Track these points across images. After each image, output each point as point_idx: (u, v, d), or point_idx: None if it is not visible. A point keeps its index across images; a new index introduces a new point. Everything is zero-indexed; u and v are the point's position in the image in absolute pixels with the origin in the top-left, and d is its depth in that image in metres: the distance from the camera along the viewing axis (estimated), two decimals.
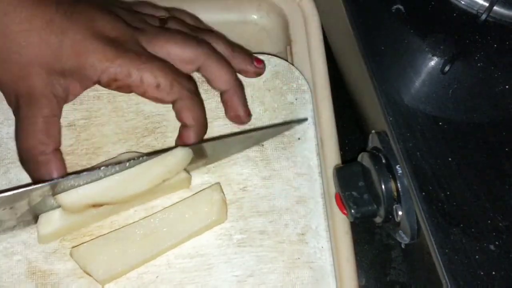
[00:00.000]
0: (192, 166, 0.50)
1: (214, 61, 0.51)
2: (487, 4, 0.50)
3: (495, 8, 0.50)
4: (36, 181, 0.46)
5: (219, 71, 0.51)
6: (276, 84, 0.55)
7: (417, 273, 0.48)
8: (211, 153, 0.51)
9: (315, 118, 0.55)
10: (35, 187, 0.44)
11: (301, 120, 0.54)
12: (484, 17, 0.50)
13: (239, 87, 0.53)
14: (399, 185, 0.45)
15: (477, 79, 0.48)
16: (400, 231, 0.47)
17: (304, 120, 0.54)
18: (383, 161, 0.46)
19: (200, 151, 0.50)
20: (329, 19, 0.60)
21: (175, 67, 0.49)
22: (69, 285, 0.46)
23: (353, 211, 0.47)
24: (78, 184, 0.45)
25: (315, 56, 0.58)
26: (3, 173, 0.49)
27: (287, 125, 0.53)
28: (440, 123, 0.46)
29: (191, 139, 0.49)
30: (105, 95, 0.52)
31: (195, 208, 0.48)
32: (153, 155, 0.47)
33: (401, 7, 0.52)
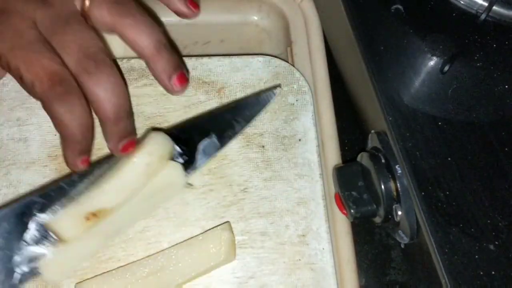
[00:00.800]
0: None
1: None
2: (486, 4, 0.50)
3: (495, 8, 0.50)
4: None
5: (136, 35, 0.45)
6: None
7: (416, 273, 0.48)
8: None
9: (316, 119, 0.55)
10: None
11: (275, 86, 0.54)
12: (483, 17, 0.50)
13: (165, 51, 0.46)
14: (398, 185, 0.45)
15: (477, 79, 0.48)
16: (399, 231, 0.46)
17: (277, 86, 0.54)
18: (383, 161, 0.46)
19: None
20: (329, 20, 0.60)
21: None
22: (70, 286, 0.46)
23: (352, 211, 0.47)
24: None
25: (315, 57, 0.58)
26: (3, 174, 0.49)
27: (263, 94, 0.53)
28: (439, 123, 0.46)
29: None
30: None
31: (204, 247, 0.47)
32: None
33: (400, 7, 0.52)
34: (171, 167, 0.48)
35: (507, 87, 0.48)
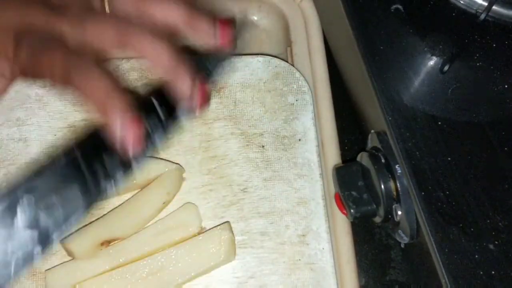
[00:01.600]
0: None
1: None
2: (486, 3, 0.50)
3: (494, 7, 0.50)
4: None
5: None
6: (276, 85, 0.55)
7: (416, 273, 0.48)
8: None
9: (316, 119, 0.55)
10: None
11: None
12: (483, 16, 0.50)
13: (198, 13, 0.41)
14: (398, 184, 0.45)
15: (476, 78, 0.48)
16: (399, 231, 0.46)
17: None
18: (383, 160, 0.46)
19: None
20: (329, 20, 0.60)
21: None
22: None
23: (352, 210, 0.47)
24: None
25: (315, 57, 0.58)
26: (3, 174, 0.49)
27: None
28: (439, 123, 0.46)
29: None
30: None
31: (203, 247, 0.47)
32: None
33: (400, 7, 0.52)
34: (187, 208, 0.49)
35: (506, 86, 0.48)
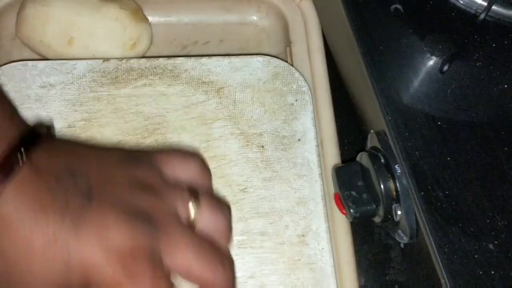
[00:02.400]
0: None
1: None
2: (485, 3, 0.50)
3: (494, 7, 0.50)
4: None
5: None
6: (276, 85, 0.55)
7: (416, 273, 0.48)
8: None
9: (315, 119, 0.55)
10: None
11: None
12: (482, 16, 0.50)
13: None
14: (398, 184, 0.45)
15: (476, 78, 0.48)
16: (399, 231, 0.46)
17: None
18: (382, 160, 0.46)
19: None
20: (328, 20, 0.60)
21: None
22: None
23: (352, 210, 0.47)
24: None
25: (315, 57, 0.59)
26: None
27: None
28: (439, 123, 0.46)
29: None
30: (105, 96, 0.52)
31: None
32: None
33: (399, 6, 0.52)
34: None
35: (506, 86, 0.48)
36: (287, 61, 0.58)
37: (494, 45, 0.50)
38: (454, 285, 0.39)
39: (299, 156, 0.53)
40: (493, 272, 0.39)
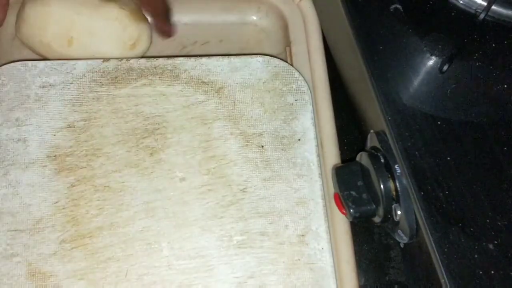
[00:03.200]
0: None
1: None
2: (485, 3, 0.50)
3: (493, 7, 0.50)
4: None
5: None
6: (275, 85, 0.55)
7: (416, 273, 0.48)
8: None
9: (315, 119, 0.55)
10: None
11: None
12: (482, 16, 0.50)
13: None
14: (397, 184, 0.45)
15: (476, 78, 0.48)
16: (399, 231, 0.46)
17: None
18: (382, 160, 0.46)
19: None
20: (328, 20, 0.60)
21: None
22: (69, 287, 0.46)
23: (352, 210, 0.47)
24: None
25: (314, 57, 0.59)
26: (2, 174, 0.49)
27: None
28: (438, 123, 0.46)
29: None
30: (105, 96, 0.52)
31: None
32: None
33: (399, 6, 0.52)
34: None
35: (505, 86, 0.48)
36: (286, 61, 0.58)
37: (493, 45, 0.50)
38: (454, 285, 0.39)
39: (299, 156, 0.53)
40: (493, 272, 0.39)
